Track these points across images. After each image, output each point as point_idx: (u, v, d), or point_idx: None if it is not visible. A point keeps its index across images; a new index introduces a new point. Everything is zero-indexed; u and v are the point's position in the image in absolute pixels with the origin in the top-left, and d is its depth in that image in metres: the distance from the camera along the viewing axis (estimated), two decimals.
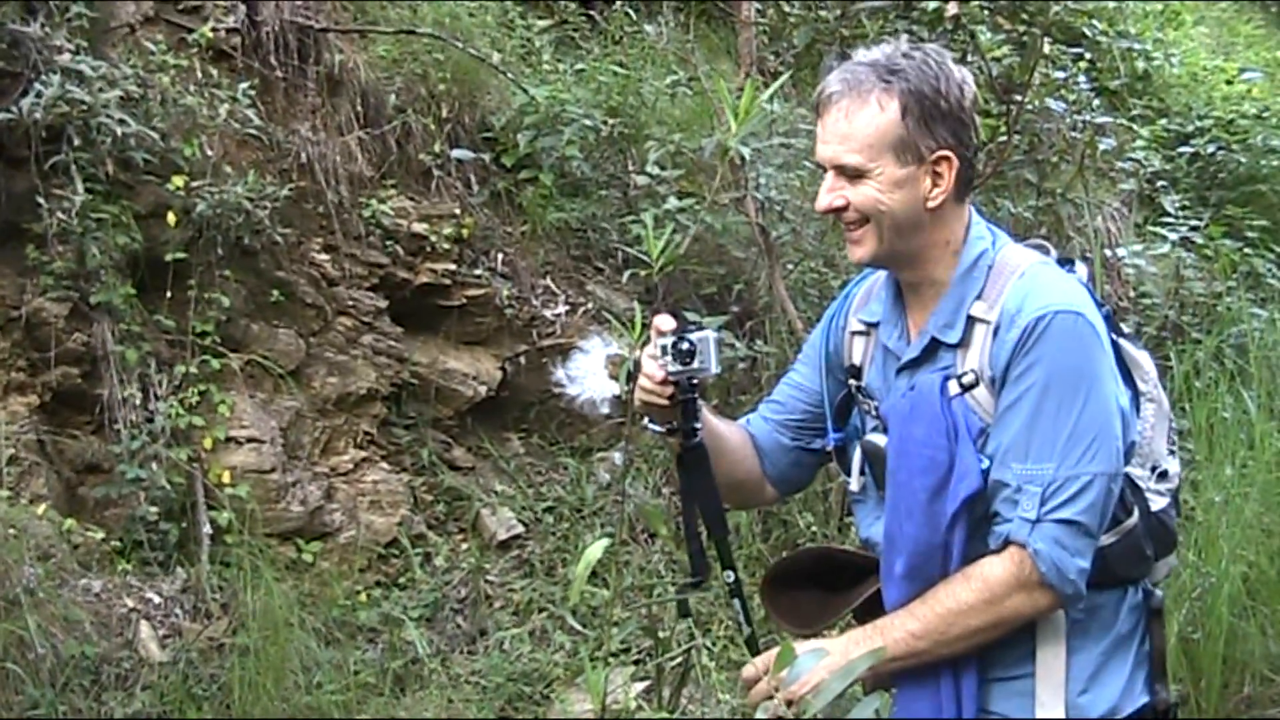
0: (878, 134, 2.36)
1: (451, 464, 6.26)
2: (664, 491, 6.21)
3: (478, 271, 6.42)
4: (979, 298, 2.41)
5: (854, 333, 2.65)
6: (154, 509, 5.17)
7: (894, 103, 2.36)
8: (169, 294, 5.49)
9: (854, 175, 2.39)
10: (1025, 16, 7.20)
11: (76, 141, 5.16)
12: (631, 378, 2.40)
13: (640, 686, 4.86)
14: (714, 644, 5.24)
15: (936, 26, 6.63)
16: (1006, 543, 2.31)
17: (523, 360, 6.49)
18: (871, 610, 2.48)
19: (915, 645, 2.33)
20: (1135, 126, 8.79)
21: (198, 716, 4.72)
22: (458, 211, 6.44)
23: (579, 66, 7.21)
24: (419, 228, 6.29)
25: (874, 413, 2.54)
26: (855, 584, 2.59)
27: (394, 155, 6.40)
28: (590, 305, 6.60)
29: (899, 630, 2.34)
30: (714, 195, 4.55)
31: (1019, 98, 6.59)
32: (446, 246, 6.32)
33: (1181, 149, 8.91)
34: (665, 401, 2.48)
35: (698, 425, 2.53)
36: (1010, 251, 2.47)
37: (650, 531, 5.98)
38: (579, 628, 5.34)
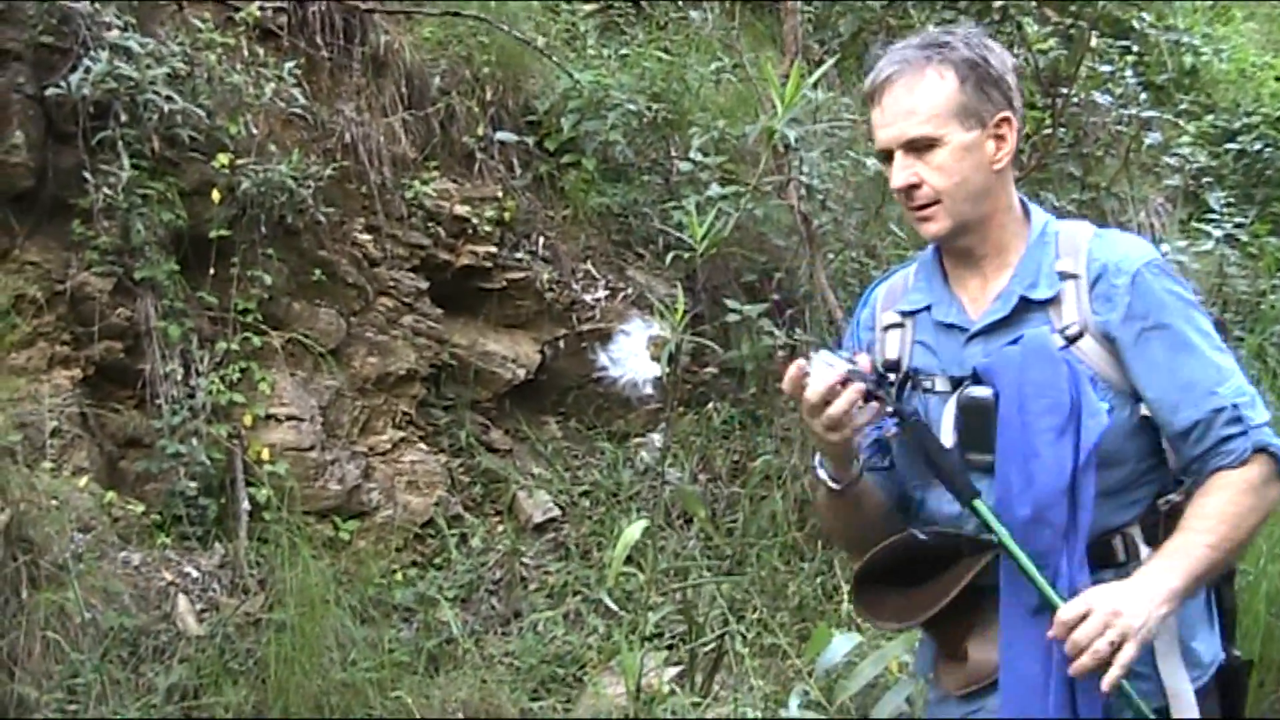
0: (943, 102, 2.41)
1: (489, 446, 6.28)
2: (700, 478, 6.21)
3: (519, 255, 6.44)
4: (1058, 258, 2.47)
5: (887, 328, 2.63)
6: (193, 484, 5.20)
7: (950, 72, 2.42)
8: (212, 271, 5.52)
9: (924, 147, 2.42)
10: (1073, 9, 7.16)
11: (123, 118, 5.19)
12: (673, 360, 2.39)
13: (673, 671, 4.86)
14: (747, 630, 5.23)
15: (984, 17, 6.61)
16: (1238, 462, 2.35)
17: (562, 344, 6.50)
18: (964, 599, 2.45)
19: (1214, 557, 2.34)
20: (1181, 122, 8.74)
21: (233, 690, 4.76)
22: (500, 194, 6.45)
23: (623, 52, 7.21)
24: (461, 210, 6.31)
25: (933, 387, 2.52)
26: (933, 573, 2.52)
27: (437, 137, 6.42)
28: (630, 290, 6.60)
29: (1198, 547, 2.34)
30: (759, 180, 4.53)
31: (1065, 90, 6.56)
32: (488, 229, 6.34)
33: (1228, 145, 8.85)
34: (859, 397, 2.40)
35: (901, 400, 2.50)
36: (1064, 221, 2.58)
37: (687, 516, 5.98)
38: (615, 609, 5.34)
